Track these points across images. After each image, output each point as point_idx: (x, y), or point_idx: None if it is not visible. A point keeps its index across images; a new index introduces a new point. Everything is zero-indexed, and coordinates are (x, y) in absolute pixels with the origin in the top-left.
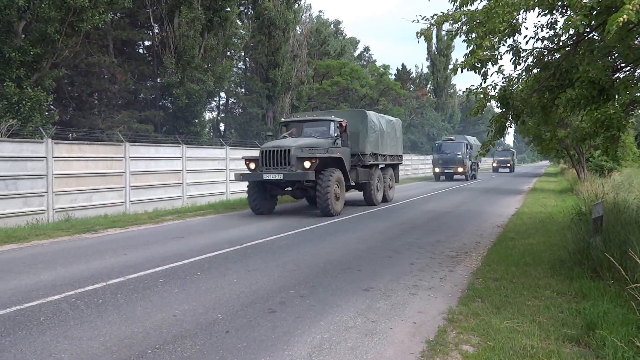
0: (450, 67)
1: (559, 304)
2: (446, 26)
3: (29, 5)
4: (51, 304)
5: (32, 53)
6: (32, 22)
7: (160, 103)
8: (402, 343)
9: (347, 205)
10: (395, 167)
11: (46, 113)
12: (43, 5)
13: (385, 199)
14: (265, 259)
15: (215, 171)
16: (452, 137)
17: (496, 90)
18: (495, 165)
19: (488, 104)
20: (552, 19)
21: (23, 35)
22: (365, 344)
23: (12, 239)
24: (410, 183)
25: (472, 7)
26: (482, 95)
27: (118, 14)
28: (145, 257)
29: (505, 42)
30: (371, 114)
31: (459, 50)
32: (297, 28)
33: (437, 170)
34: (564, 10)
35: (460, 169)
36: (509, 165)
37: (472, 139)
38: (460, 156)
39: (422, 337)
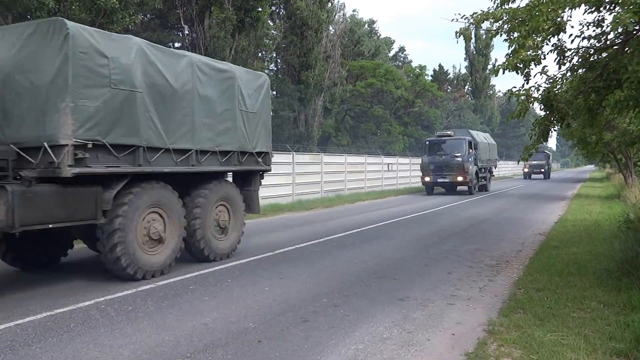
0: (490, 67)
1: (606, 316)
2: (486, 25)
3: (59, 7)
4: (81, 311)
5: None
6: None
7: None
8: (440, 355)
9: (381, 211)
10: None
11: None
12: (73, 7)
13: None
14: (298, 266)
15: None
16: (449, 132)
17: (540, 92)
18: (526, 170)
19: (531, 106)
20: (599, 16)
21: None
22: (402, 355)
23: None
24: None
25: (514, 5)
26: (524, 97)
27: (148, 15)
28: (176, 263)
29: (549, 41)
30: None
31: (499, 49)
32: (330, 28)
33: (427, 179)
34: (611, 8)
35: (460, 178)
36: (543, 170)
37: (481, 136)
38: (460, 159)
39: (461, 350)
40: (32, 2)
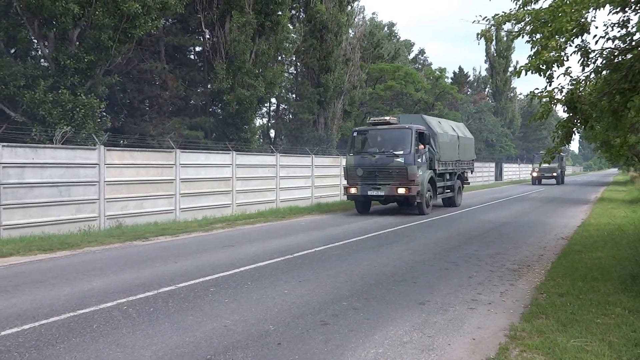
0: (511, 69)
1: (631, 322)
2: (507, 26)
3: (83, 12)
4: (104, 312)
5: (86, 60)
6: (87, 30)
7: (210, 109)
8: None
9: (397, 215)
10: None
11: (99, 120)
12: (97, 12)
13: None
14: (317, 269)
15: (266, 179)
16: (387, 118)
17: (563, 94)
18: (535, 174)
19: (554, 108)
20: (624, 16)
21: (77, 43)
22: None
23: (65, 245)
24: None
25: (537, 6)
26: (547, 99)
27: (170, 20)
28: (195, 266)
29: (573, 42)
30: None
31: (520, 51)
32: (350, 31)
33: (352, 191)
34: (637, 8)
35: (401, 190)
36: (555, 174)
37: (446, 125)
38: (402, 160)
39: (482, 355)
40: (58, 8)
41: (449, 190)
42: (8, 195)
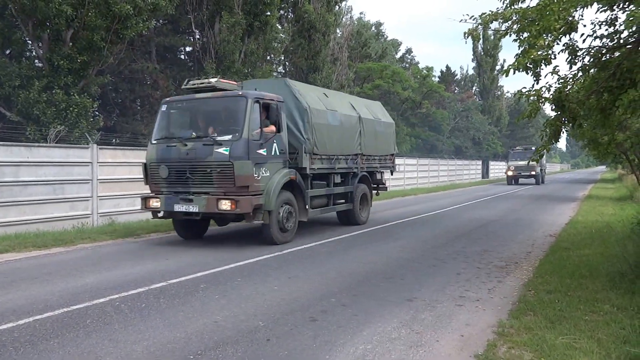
0: (498, 68)
1: (620, 319)
2: (494, 25)
3: (76, 14)
4: (97, 307)
5: (79, 61)
6: (80, 31)
7: None
8: (449, 356)
9: (387, 211)
10: None
11: (92, 119)
12: (90, 13)
13: None
14: (307, 266)
15: None
16: (212, 81)
17: (551, 92)
18: (510, 173)
19: (541, 106)
20: (612, 15)
21: (70, 44)
22: (410, 356)
23: (59, 242)
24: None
25: (524, 5)
26: (535, 98)
27: (160, 21)
28: (187, 262)
29: (560, 40)
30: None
31: (507, 50)
32: (338, 31)
33: (153, 204)
34: (625, 6)
35: (225, 204)
36: (533, 173)
37: (310, 93)
38: (225, 151)
39: (470, 351)
40: (51, 9)
41: (342, 201)
42: (3, 193)
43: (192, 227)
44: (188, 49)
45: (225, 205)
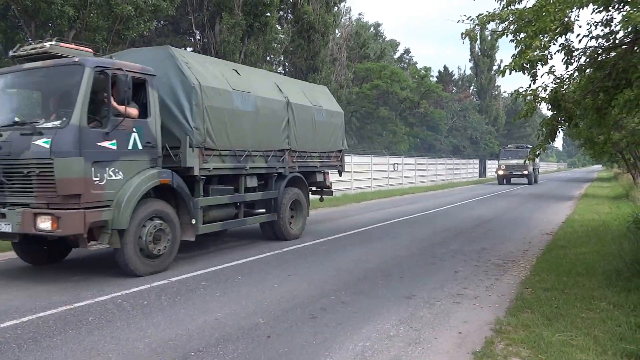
0: (495, 68)
1: (616, 317)
2: (491, 26)
3: (78, 15)
4: (99, 305)
5: None
6: (82, 31)
7: None
8: (447, 353)
9: (385, 210)
10: None
11: None
12: (92, 15)
13: None
14: (305, 264)
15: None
16: (46, 45)
17: (547, 92)
18: (502, 172)
19: (538, 106)
20: (607, 15)
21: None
22: (409, 353)
23: None
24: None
25: (520, 6)
26: (531, 98)
27: (162, 22)
28: (187, 261)
29: (557, 41)
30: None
31: (504, 50)
32: (337, 31)
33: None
34: (620, 7)
35: (42, 222)
36: (526, 173)
37: (205, 66)
38: (45, 144)
39: (468, 348)
40: (54, 11)
41: (262, 210)
42: None
43: (38, 250)
44: (189, 49)
45: (44, 222)
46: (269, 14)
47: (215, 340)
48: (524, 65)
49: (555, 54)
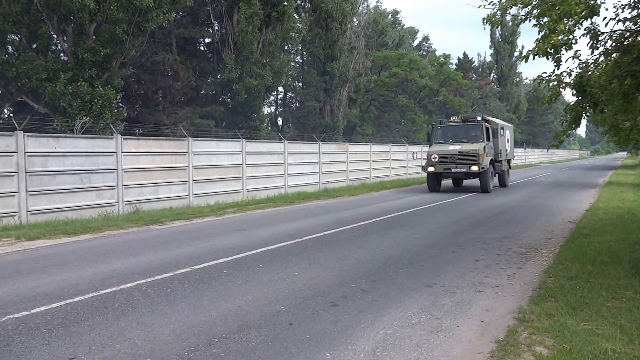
0: (516, 54)
1: None
2: (513, 11)
3: (99, 8)
4: (124, 292)
5: (102, 53)
6: (102, 24)
7: (220, 99)
8: (469, 342)
9: (406, 199)
10: None
11: (115, 110)
12: (112, 7)
13: None
14: (326, 252)
15: (274, 165)
16: None
17: (571, 77)
18: (432, 168)
19: (562, 92)
20: None
21: (94, 37)
22: (431, 341)
23: (87, 229)
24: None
25: None
26: (555, 83)
27: (180, 13)
28: (209, 249)
29: (582, 24)
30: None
31: (525, 36)
32: (355, 20)
33: None
34: None
35: None
36: (476, 170)
37: None
38: None
39: (491, 337)
40: (75, 4)
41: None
42: (34, 183)
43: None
44: (207, 40)
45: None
46: (286, 3)
47: (238, 326)
48: (548, 50)
49: (580, 38)
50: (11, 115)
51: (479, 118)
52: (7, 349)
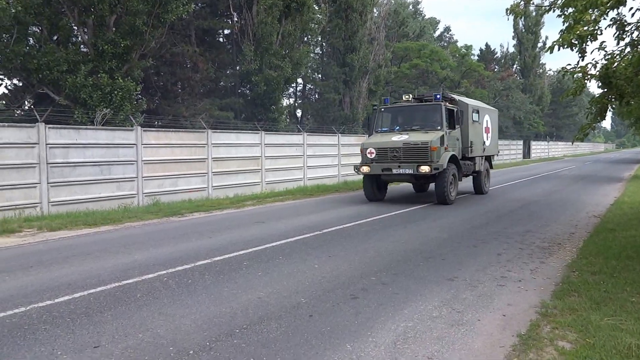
0: (540, 45)
1: None
2: (537, 1)
3: (118, 0)
4: (146, 282)
5: (122, 45)
6: (122, 16)
7: (239, 90)
8: (491, 335)
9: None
10: None
11: (135, 102)
12: None
13: None
14: (346, 245)
15: (293, 157)
16: None
17: (597, 69)
18: (366, 169)
19: (588, 83)
20: None
21: (114, 29)
22: (452, 334)
23: (108, 220)
24: None
25: None
26: (580, 75)
27: (200, 4)
28: (229, 241)
29: (608, 15)
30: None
31: (549, 26)
32: (375, 10)
33: None
34: None
35: None
36: (427, 170)
37: None
38: None
39: (512, 331)
40: None
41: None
42: (55, 174)
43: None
44: (226, 31)
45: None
46: None
47: (258, 318)
48: (573, 41)
49: (605, 28)
50: (32, 107)
51: (438, 96)
52: (33, 337)
